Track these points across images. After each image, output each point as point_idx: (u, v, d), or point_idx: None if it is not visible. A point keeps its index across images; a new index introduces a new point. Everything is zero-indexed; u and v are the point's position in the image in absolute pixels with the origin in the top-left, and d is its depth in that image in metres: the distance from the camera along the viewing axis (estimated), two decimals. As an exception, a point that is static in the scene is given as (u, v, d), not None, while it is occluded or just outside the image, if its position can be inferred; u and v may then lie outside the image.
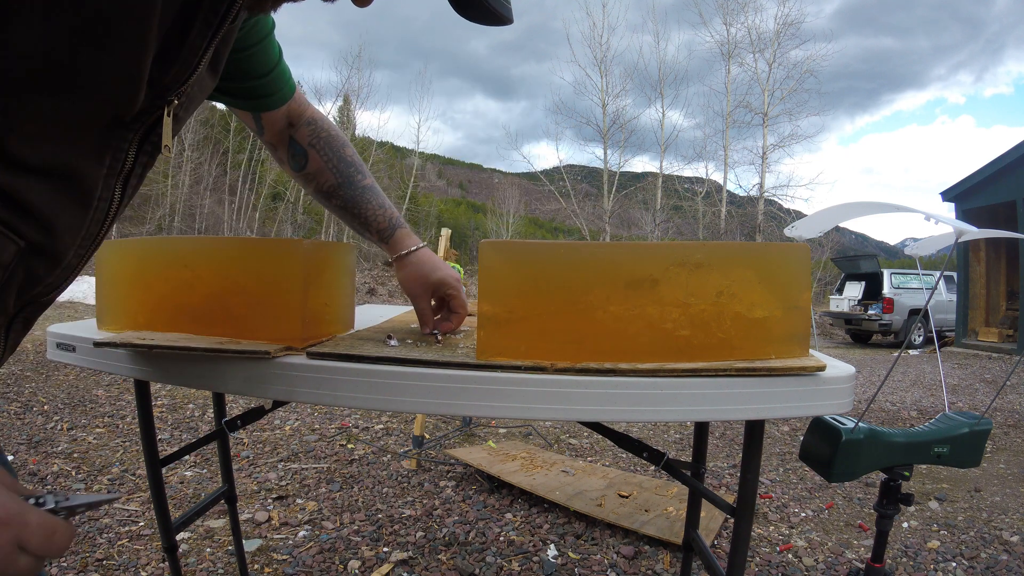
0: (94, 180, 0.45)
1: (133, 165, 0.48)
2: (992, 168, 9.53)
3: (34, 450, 2.57)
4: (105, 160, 0.45)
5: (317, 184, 0.88)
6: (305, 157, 0.87)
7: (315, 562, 1.71)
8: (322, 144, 0.87)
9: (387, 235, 0.89)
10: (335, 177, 0.87)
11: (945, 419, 1.10)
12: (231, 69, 0.69)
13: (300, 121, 0.87)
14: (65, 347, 0.82)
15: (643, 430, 3.51)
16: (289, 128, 0.87)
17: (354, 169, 0.89)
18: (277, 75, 0.79)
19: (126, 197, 0.50)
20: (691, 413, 0.64)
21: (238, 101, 0.80)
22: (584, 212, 22.81)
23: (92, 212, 0.47)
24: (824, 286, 22.08)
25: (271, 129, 0.86)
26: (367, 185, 0.89)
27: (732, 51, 20.77)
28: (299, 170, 0.89)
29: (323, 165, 0.87)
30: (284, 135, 0.87)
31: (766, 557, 1.86)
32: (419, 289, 0.86)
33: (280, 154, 0.89)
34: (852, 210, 2.65)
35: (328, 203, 0.90)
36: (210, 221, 27.19)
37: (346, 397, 0.66)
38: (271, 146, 0.89)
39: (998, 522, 2.24)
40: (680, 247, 0.66)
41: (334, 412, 3.48)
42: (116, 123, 0.45)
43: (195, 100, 0.55)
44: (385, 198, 0.90)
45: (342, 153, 0.88)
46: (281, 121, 0.85)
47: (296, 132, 0.87)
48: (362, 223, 0.89)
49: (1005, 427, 3.87)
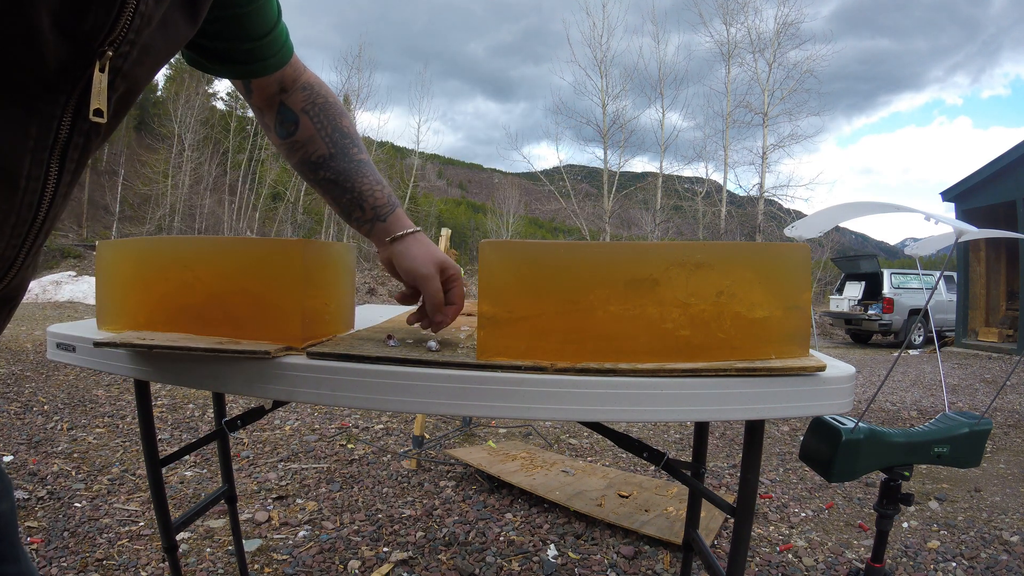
0: (17, 156, 0.38)
1: (70, 135, 0.41)
2: (992, 168, 9.54)
3: (34, 450, 2.57)
4: (30, 131, 0.38)
5: (305, 153, 0.80)
6: (295, 124, 0.79)
7: (315, 562, 1.71)
8: (317, 111, 0.79)
9: (385, 212, 0.80)
10: (327, 147, 0.79)
11: (945, 419, 1.10)
12: (223, 29, 0.63)
13: (294, 86, 0.78)
14: (65, 347, 0.82)
15: (643, 430, 3.51)
16: (281, 93, 0.78)
17: (349, 141, 0.81)
18: (275, 37, 0.70)
19: (67, 174, 0.43)
20: (691, 413, 0.64)
21: (229, 67, 0.70)
22: (584, 212, 22.81)
23: (21, 194, 0.40)
24: (824, 286, 22.09)
25: (261, 93, 0.77)
26: (363, 159, 0.81)
27: (732, 51, 20.79)
28: (286, 137, 0.80)
29: (315, 133, 0.79)
30: (274, 100, 0.78)
31: (766, 557, 1.86)
32: (431, 267, 0.77)
33: (267, 119, 0.80)
34: (852, 210, 2.65)
35: (314, 175, 0.81)
36: (210, 221, 27.18)
37: (346, 397, 0.66)
38: (258, 110, 0.80)
39: (998, 522, 2.24)
40: (680, 247, 0.66)
41: (334, 412, 3.48)
42: (36, 84, 0.37)
43: (155, 52, 0.46)
44: (381, 176, 0.82)
45: (338, 123, 0.80)
46: (273, 85, 0.76)
47: (289, 97, 0.78)
48: (354, 199, 0.80)
49: (1005, 427, 3.87)
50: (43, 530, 1.81)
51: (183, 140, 26.69)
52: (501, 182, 52.74)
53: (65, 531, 1.81)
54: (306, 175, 0.82)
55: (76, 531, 1.81)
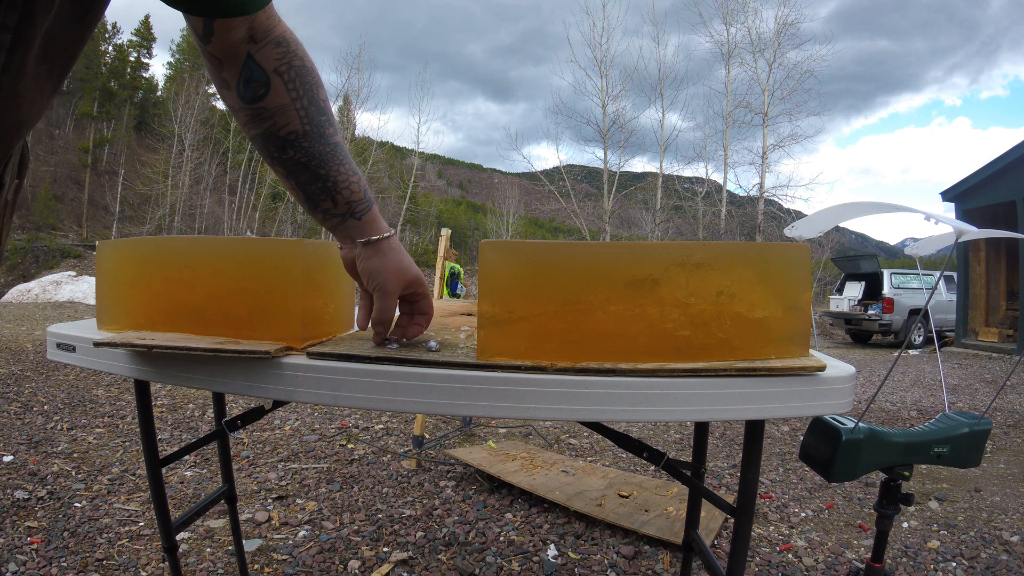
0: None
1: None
2: (992, 168, 9.54)
3: (34, 450, 2.57)
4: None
5: (273, 126, 0.66)
6: (266, 86, 0.64)
7: (315, 562, 1.71)
8: (293, 75, 0.65)
9: (361, 210, 0.71)
10: (301, 123, 0.66)
11: (945, 419, 1.10)
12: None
13: (266, 37, 0.63)
14: (65, 347, 0.82)
15: (643, 430, 3.51)
16: (249, 43, 0.63)
17: (326, 119, 0.68)
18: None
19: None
20: (691, 413, 0.64)
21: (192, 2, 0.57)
22: (584, 212, 22.82)
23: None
24: (824, 286, 22.11)
25: (224, 38, 0.61)
26: (338, 142, 0.70)
27: (732, 51, 20.79)
28: (252, 101, 0.65)
29: (288, 103, 0.65)
30: (239, 51, 0.63)
31: (766, 557, 1.86)
32: (394, 285, 0.71)
33: (227, 74, 0.64)
34: (852, 210, 2.66)
35: (281, 154, 0.68)
36: (210, 221, 27.19)
37: (346, 397, 0.66)
38: (214, 61, 0.64)
39: (998, 522, 2.24)
40: (680, 247, 0.66)
41: (334, 412, 3.48)
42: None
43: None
44: (355, 164, 0.72)
45: (315, 94, 0.67)
46: (241, 30, 0.61)
47: (259, 51, 0.63)
48: (326, 188, 0.69)
49: (1005, 427, 3.87)
50: (43, 530, 1.81)
51: (183, 140, 26.68)
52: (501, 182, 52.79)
53: (65, 531, 1.81)
54: (269, 151, 0.68)
55: (76, 531, 1.81)
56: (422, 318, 0.76)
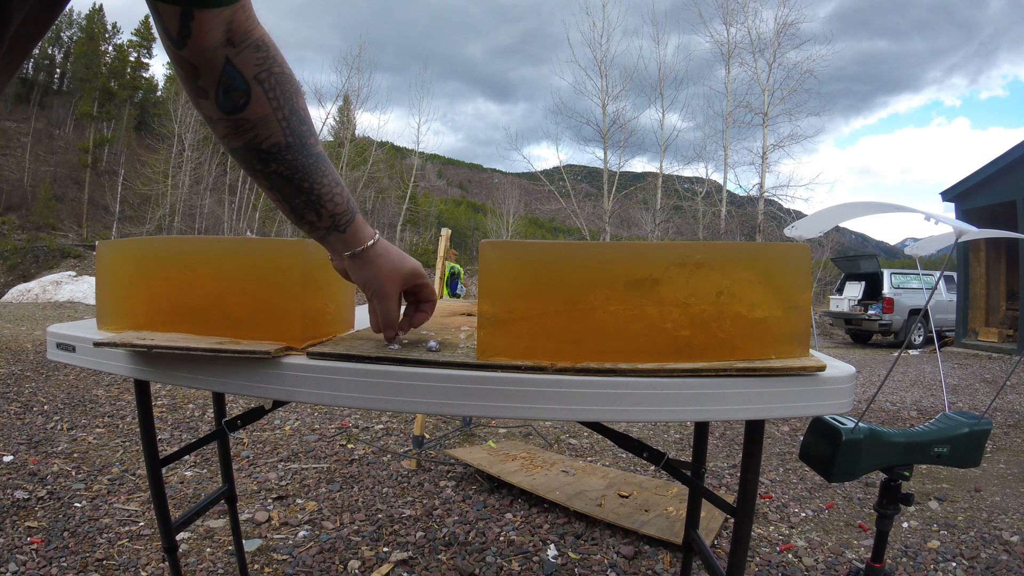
0: None
1: None
2: (992, 168, 9.54)
3: (34, 450, 2.57)
4: None
5: (255, 138, 0.62)
6: (246, 95, 0.60)
7: (315, 562, 1.71)
8: (273, 83, 0.62)
9: (344, 222, 0.69)
10: (283, 134, 0.63)
11: (945, 419, 1.10)
12: None
13: (245, 40, 0.59)
14: (65, 347, 0.82)
15: (643, 430, 3.51)
16: (227, 47, 0.58)
17: (307, 128, 0.66)
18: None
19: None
20: (691, 413, 0.64)
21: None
22: (584, 212, 22.82)
23: None
24: (824, 286, 22.10)
25: (199, 40, 0.56)
26: (320, 153, 0.67)
27: (732, 51, 20.79)
28: (232, 112, 0.61)
29: (270, 113, 0.62)
30: (217, 56, 0.58)
31: (766, 557, 1.86)
32: (391, 287, 0.72)
33: (203, 82, 0.59)
34: (852, 210, 2.65)
35: (263, 167, 0.64)
36: (210, 221, 27.20)
37: (346, 397, 0.66)
38: (189, 68, 0.58)
39: (998, 522, 2.24)
40: (680, 247, 0.66)
41: (334, 412, 3.48)
42: None
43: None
44: (337, 173, 0.70)
45: (295, 104, 0.64)
46: (218, 31, 0.57)
47: (238, 55, 0.59)
48: (310, 201, 0.67)
49: (1005, 427, 3.87)
50: (43, 530, 1.81)
51: (183, 140, 26.69)
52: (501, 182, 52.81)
53: (65, 531, 1.81)
54: (250, 164, 0.65)
55: (76, 531, 1.81)
56: (427, 305, 0.78)
